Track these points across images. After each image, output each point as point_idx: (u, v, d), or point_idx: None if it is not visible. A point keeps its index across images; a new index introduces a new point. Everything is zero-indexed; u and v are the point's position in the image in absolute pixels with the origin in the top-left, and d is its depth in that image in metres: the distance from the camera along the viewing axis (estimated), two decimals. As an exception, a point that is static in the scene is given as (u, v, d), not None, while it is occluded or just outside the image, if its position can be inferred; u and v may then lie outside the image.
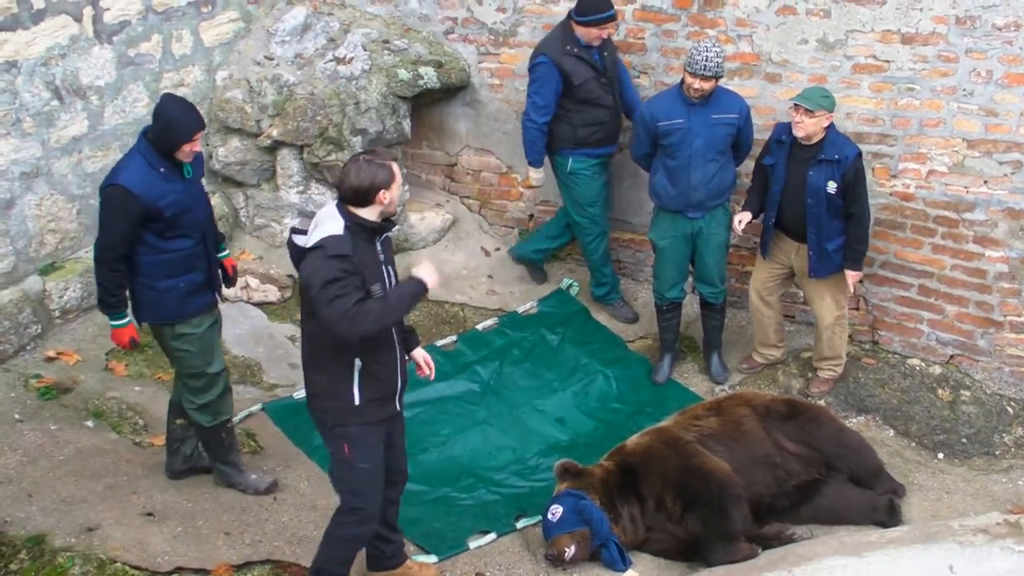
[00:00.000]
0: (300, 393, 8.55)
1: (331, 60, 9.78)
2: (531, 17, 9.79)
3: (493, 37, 10.01)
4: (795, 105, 8.07)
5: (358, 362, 6.08)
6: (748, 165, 9.19)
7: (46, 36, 8.36)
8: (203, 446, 7.63)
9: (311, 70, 9.78)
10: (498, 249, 10.50)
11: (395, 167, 5.98)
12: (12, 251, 8.43)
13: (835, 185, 8.18)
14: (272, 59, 9.86)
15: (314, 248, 5.88)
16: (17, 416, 7.85)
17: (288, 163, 9.77)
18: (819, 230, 8.34)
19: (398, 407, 6.40)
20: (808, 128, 8.09)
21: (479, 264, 10.38)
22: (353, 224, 5.91)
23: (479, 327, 9.68)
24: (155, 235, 6.80)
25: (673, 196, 8.66)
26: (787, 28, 8.92)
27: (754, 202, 8.70)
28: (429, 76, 9.84)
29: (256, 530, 7.21)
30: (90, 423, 7.98)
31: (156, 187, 6.67)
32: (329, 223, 5.93)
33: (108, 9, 8.76)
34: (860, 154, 8.26)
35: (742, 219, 8.67)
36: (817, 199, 8.24)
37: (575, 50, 8.99)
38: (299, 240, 6.06)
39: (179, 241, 6.89)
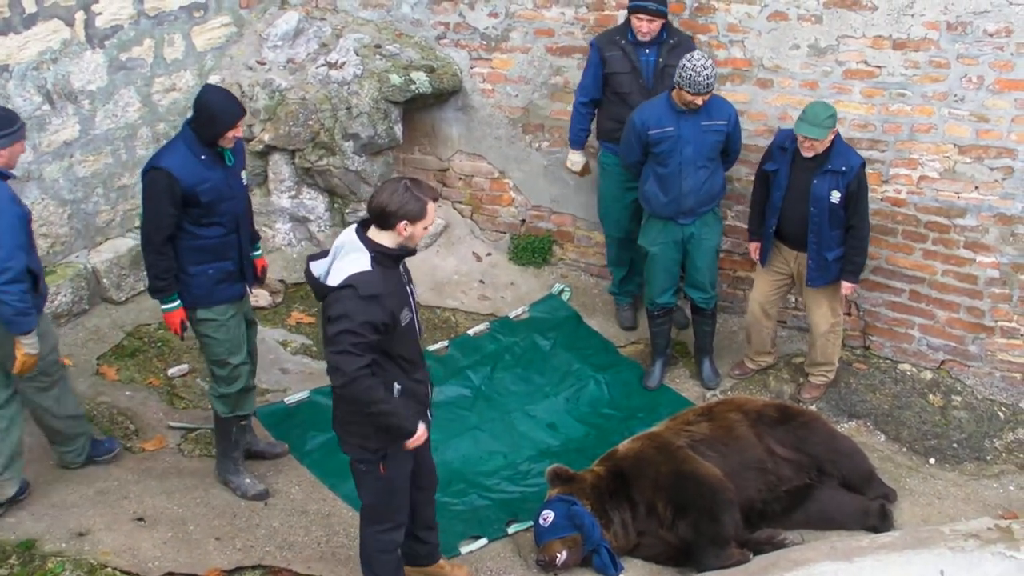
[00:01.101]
0: (291, 398, 8.61)
1: (323, 65, 9.78)
2: (523, 22, 9.79)
3: (485, 42, 10.01)
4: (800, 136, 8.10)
5: (397, 386, 6.07)
6: (739, 170, 9.22)
7: (38, 40, 8.36)
8: (214, 430, 7.72)
9: (303, 75, 9.78)
10: (489, 254, 10.50)
11: (431, 207, 5.85)
12: (3, 255, 8.41)
13: (839, 195, 8.18)
14: (264, 64, 9.86)
15: (344, 287, 5.74)
16: (8, 421, 7.83)
17: (280, 168, 9.77)
18: (820, 239, 8.34)
19: (429, 416, 6.44)
20: (818, 149, 8.12)
21: (471, 269, 10.37)
22: (377, 254, 5.82)
23: (471, 332, 9.67)
24: (190, 220, 6.96)
25: (664, 203, 8.66)
26: (779, 34, 8.93)
27: (756, 222, 8.75)
28: (421, 81, 9.84)
29: (247, 535, 7.20)
30: (81, 428, 7.97)
31: (196, 172, 6.86)
32: (353, 255, 5.82)
33: (100, 14, 8.76)
34: (864, 164, 8.27)
35: (752, 249, 8.85)
36: (820, 208, 8.25)
37: (622, 41, 8.95)
38: (316, 269, 5.93)
39: (213, 228, 7.05)
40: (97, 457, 7.70)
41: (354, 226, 5.95)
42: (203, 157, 6.90)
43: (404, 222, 5.77)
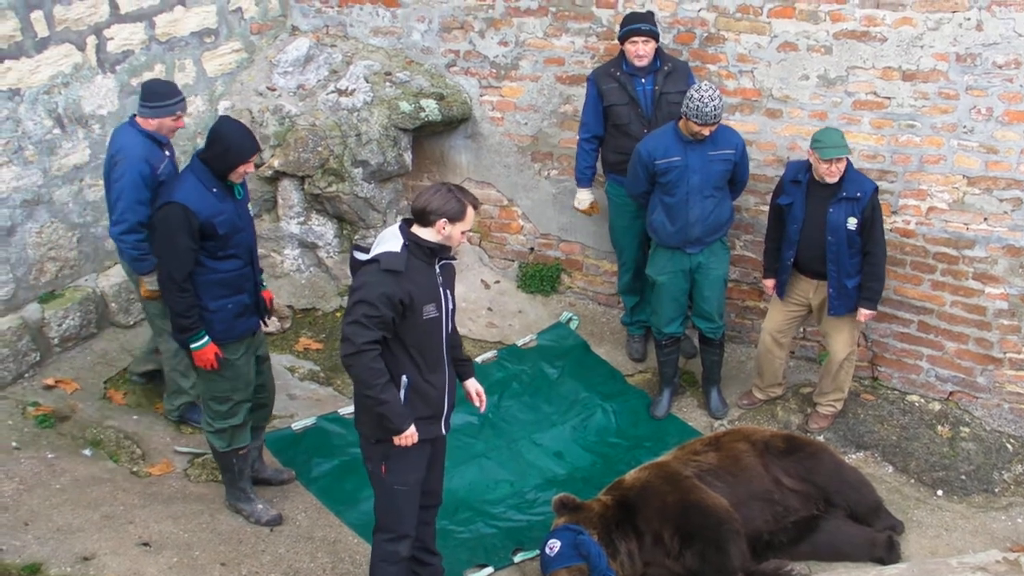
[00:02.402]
0: (298, 424, 8.60)
1: (333, 92, 9.81)
2: (533, 51, 9.82)
3: (495, 70, 10.04)
4: (831, 158, 8.08)
5: (405, 379, 6.18)
6: (747, 200, 9.23)
7: (50, 65, 8.40)
8: (216, 463, 7.73)
9: (313, 101, 9.80)
10: (497, 282, 10.51)
11: (470, 211, 6.12)
12: (12, 278, 8.44)
13: (855, 221, 8.18)
14: (274, 90, 9.89)
15: (370, 261, 6.05)
16: (14, 444, 7.83)
17: (289, 194, 9.78)
18: (839, 267, 8.34)
19: (443, 430, 6.47)
20: (842, 170, 8.12)
21: (479, 297, 10.38)
22: (412, 243, 6.07)
23: (478, 360, 9.65)
24: (207, 254, 6.92)
25: (672, 233, 8.66)
26: (788, 64, 8.95)
27: (772, 258, 8.75)
28: (431, 108, 9.87)
29: (253, 561, 7.19)
30: (87, 452, 7.98)
31: (210, 205, 6.83)
32: (390, 242, 6.09)
33: (112, 39, 8.80)
34: (877, 189, 8.28)
35: (768, 286, 8.87)
36: (838, 237, 8.25)
37: (618, 73, 8.98)
38: (359, 256, 6.18)
39: (231, 261, 7.03)
40: (191, 420, 8.42)
41: (399, 221, 6.22)
42: (215, 190, 6.86)
43: (443, 220, 6.05)
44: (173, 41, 9.30)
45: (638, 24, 8.83)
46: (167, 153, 7.68)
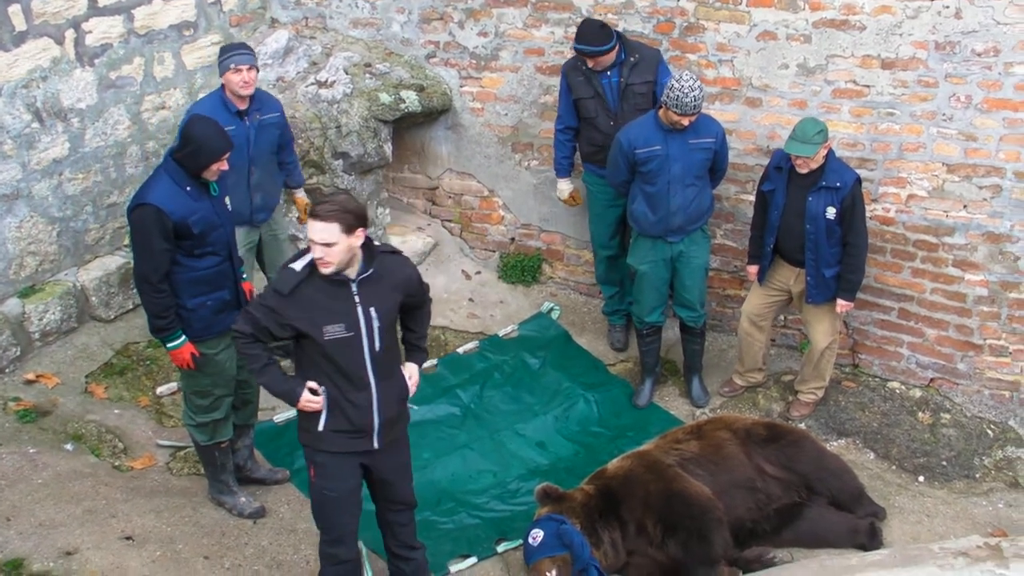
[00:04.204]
0: (280, 416, 8.60)
1: (313, 83, 9.79)
2: (513, 42, 9.81)
3: (475, 61, 10.03)
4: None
5: (324, 390, 6.17)
6: (727, 189, 9.25)
7: (28, 58, 8.36)
8: (198, 457, 7.71)
9: (293, 93, 9.78)
10: (479, 272, 10.51)
11: (309, 222, 5.93)
12: (-9, 273, 8.43)
13: (834, 211, 8.20)
14: (254, 82, 9.87)
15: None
16: (-5, 439, 7.83)
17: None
18: (817, 256, 8.36)
19: (375, 444, 6.33)
20: (811, 165, 8.13)
21: (460, 287, 10.38)
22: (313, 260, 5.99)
23: (460, 351, 9.67)
24: (184, 253, 6.88)
25: (653, 222, 8.68)
26: (768, 53, 8.96)
27: (757, 245, 8.77)
28: (411, 100, 9.86)
29: (236, 554, 7.19)
30: (69, 446, 7.96)
31: (184, 204, 6.76)
32: (302, 257, 6.05)
33: (90, 32, 8.76)
34: (859, 180, 8.29)
35: (751, 272, 8.90)
36: (816, 225, 8.27)
37: (584, 67, 9.01)
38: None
39: (208, 259, 6.97)
40: None
41: None
42: (188, 188, 6.79)
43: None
44: (152, 34, 9.27)
45: (582, 46, 8.87)
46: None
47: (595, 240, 9.74)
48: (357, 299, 6.03)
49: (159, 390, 8.72)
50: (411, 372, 6.52)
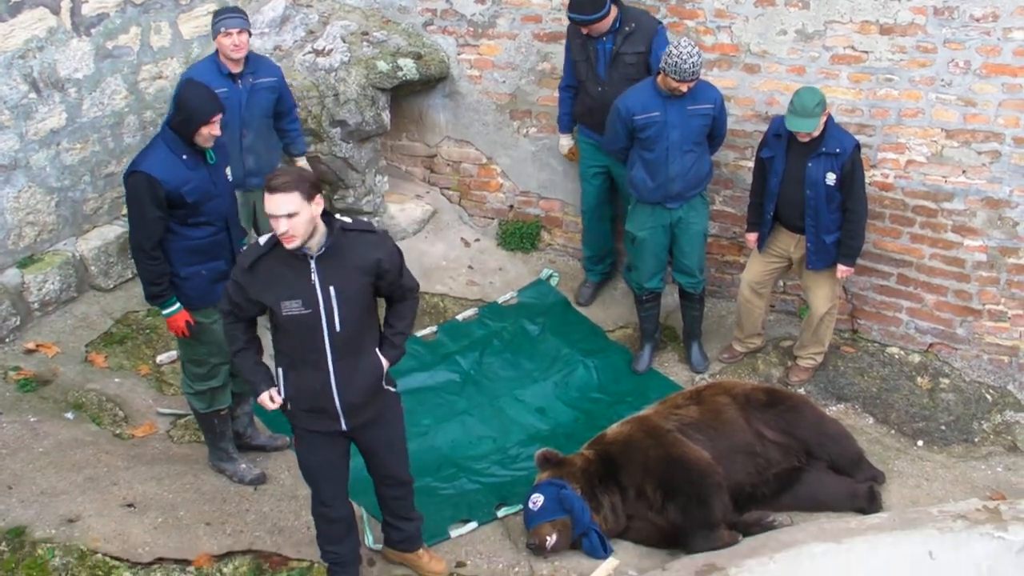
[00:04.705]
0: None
1: (310, 52, 9.77)
2: (510, 8, 9.78)
3: (472, 28, 10.00)
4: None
5: (280, 370, 6.16)
6: (726, 155, 9.24)
7: (24, 29, 8.33)
8: (198, 424, 7.74)
9: (290, 62, 9.76)
10: (478, 240, 10.51)
11: (266, 196, 5.71)
12: (-10, 244, 8.43)
13: (834, 177, 8.20)
14: (251, 51, 9.85)
15: None
16: (-4, 408, 7.84)
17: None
18: (817, 222, 8.36)
19: (344, 426, 6.22)
20: (813, 134, 8.12)
21: (459, 255, 10.38)
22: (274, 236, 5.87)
23: (459, 317, 9.69)
24: (178, 222, 6.87)
25: (652, 189, 8.68)
26: (766, 19, 8.93)
27: (756, 212, 8.77)
28: (408, 68, 9.84)
29: (237, 520, 7.21)
30: (70, 415, 7.97)
31: (178, 173, 6.75)
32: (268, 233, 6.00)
33: (86, 2, 8.72)
34: (859, 146, 8.28)
35: (750, 240, 8.90)
36: (816, 191, 8.27)
37: (582, 31, 9.02)
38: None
39: (202, 228, 6.96)
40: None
41: None
42: (184, 157, 6.79)
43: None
44: (148, 3, 9.22)
45: (574, 15, 8.87)
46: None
47: (581, 198, 9.83)
48: (315, 276, 5.87)
49: (159, 358, 8.74)
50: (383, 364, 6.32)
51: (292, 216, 5.64)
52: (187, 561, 6.72)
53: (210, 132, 6.82)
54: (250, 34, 8.18)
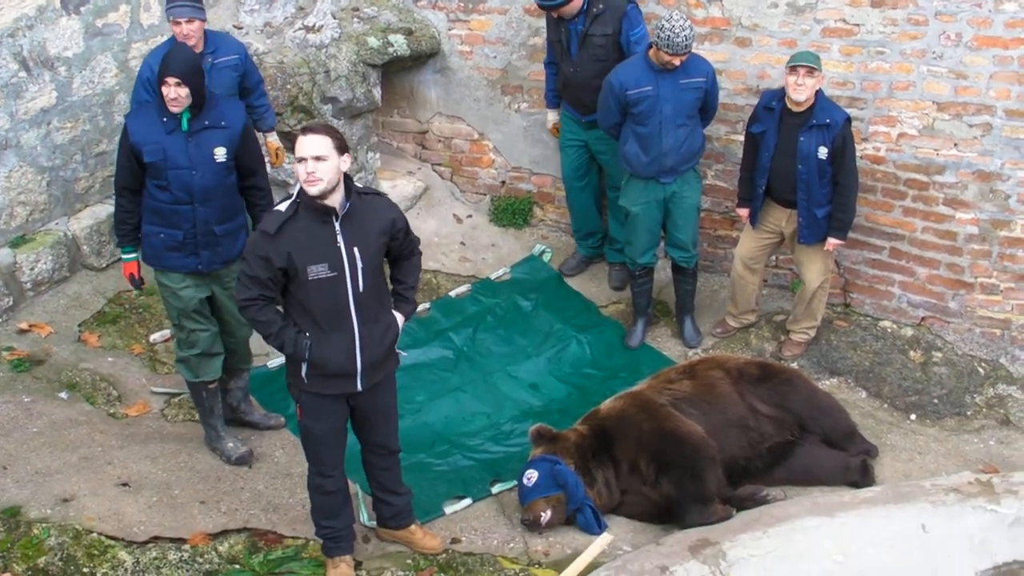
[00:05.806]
0: (274, 362, 8.62)
1: (300, 28, 9.74)
2: (501, -17, 9.78)
3: (463, 4, 9.98)
4: (794, 67, 8.08)
5: (308, 336, 6.15)
6: (717, 129, 9.23)
7: (13, 7, 8.30)
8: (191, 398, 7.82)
9: (280, 39, 9.73)
10: (470, 216, 10.51)
11: (299, 139, 5.94)
12: (-18, 223, 8.41)
13: (826, 150, 8.20)
14: (241, 28, 9.81)
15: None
16: (-10, 389, 7.84)
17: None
18: (809, 196, 8.37)
19: (358, 387, 6.30)
20: (809, 90, 8.11)
21: (451, 231, 10.37)
22: (302, 201, 5.97)
23: (452, 294, 9.69)
24: (150, 178, 7.04)
25: (645, 163, 8.68)
26: (757, -8, 8.94)
27: (746, 187, 8.75)
28: (399, 44, 9.81)
29: (232, 498, 7.22)
30: (64, 395, 7.98)
31: (149, 132, 6.94)
32: (283, 201, 6.09)
33: (75, -21, 8.71)
34: (849, 119, 8.28)
35: (742, 215, 8.89)
36: (808, 165, 8.27)
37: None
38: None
39: (164, 193, 7.06)
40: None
41: None
42: (165, 119, 6.93)
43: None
44: (138, -20, 9.22)
45: (540, 0, 8.96)
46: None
47: (561, 169, 9.93)
48: (340, 238, 5.99)
49: (152, 338, 8.74)
50: (398, 321, 6.47)
51: (320, 159, 5.84)
52: (182, 539, 6.72)
53: (168, 95, 6.86)
54: (203, 20, 7.92)
